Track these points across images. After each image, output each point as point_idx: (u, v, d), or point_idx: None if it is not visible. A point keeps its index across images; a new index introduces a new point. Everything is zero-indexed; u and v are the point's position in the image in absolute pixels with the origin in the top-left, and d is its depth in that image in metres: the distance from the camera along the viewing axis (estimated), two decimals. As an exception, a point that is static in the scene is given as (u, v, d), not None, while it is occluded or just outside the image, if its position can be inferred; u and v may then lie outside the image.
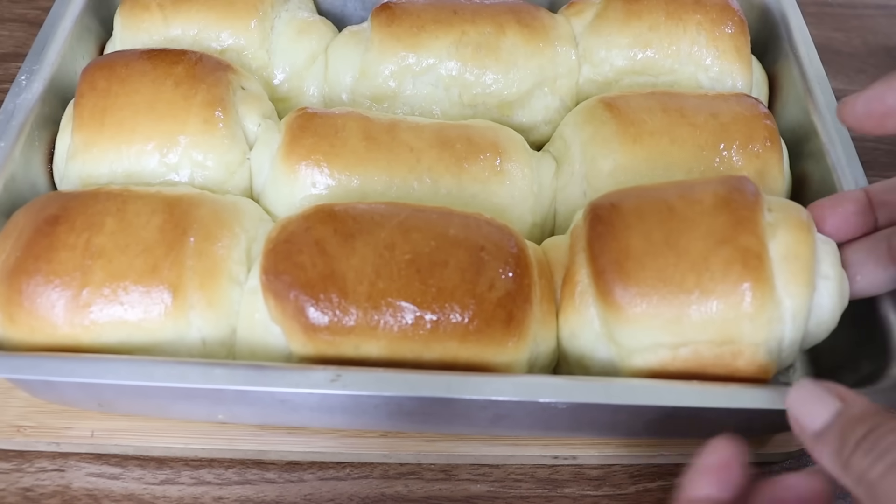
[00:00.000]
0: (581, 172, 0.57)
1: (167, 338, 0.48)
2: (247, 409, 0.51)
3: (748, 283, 0.44)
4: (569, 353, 0.50)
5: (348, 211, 0.50)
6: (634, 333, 0.46)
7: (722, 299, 0.44)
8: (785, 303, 0.45)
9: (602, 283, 0.46)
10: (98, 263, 0.48)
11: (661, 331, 0.45)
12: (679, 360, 0.46)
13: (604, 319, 0.47)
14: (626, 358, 0.47)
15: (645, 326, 0.45)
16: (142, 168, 0.56)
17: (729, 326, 0.44)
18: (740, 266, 0.44)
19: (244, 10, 0.64)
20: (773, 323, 0.44)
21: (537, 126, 0.65)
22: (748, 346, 0.45)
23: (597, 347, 0.48)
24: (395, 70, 0.63)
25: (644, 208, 0.47)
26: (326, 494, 0.54)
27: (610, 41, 0.64)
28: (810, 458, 0.58)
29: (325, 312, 0.46)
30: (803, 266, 0.45)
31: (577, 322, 0.48)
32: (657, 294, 0.44)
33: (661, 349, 0.46)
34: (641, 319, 0.45)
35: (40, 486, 0.54)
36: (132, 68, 0.58)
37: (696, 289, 0.44)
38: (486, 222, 0.51)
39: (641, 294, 0.45)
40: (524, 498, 0.55)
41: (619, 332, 0.46)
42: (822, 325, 0.47)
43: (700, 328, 0.45)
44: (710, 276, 0.44)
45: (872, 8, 0.95)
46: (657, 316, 0.45)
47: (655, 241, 0.45)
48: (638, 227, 0.46)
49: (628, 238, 0.46)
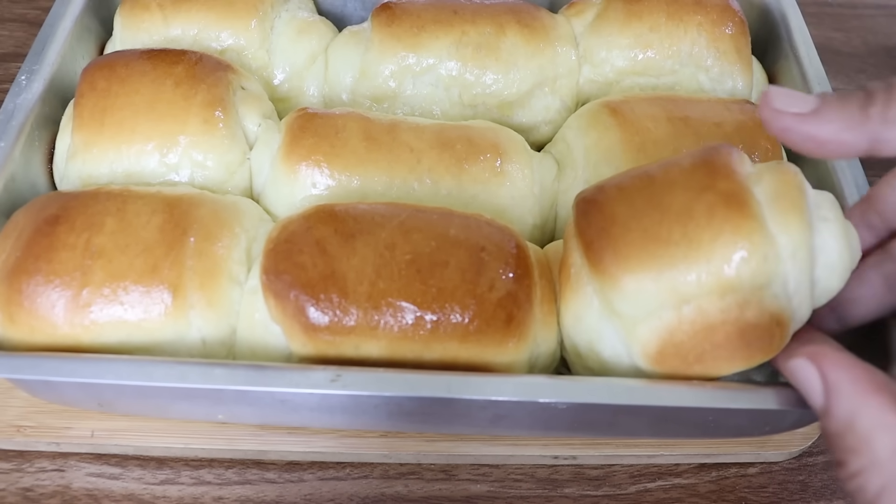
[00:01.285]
0: (584, 177, 0.57)
1: (167, 338, 0.48)
2: (247, 409, 0.51)
3: (734, 222, 0.42)
4: (578, 343, 0.48)
5: (349, 211, 0.50)
6: (633, 299, 0.44)
7: (711, 245, 0.42)
8: (780, 240, 0.43)
9: (592, 254, 0.45)
10: (98, 263, 0.48)
11: (658, 291, 0.43)
12: (686, 323, 0.44)
13: (601, 293, 0.46)
14: (633, 330, 0.45)
15: (641, 289, 0.44)
16: (142, 168, 0.56)
17: (725, 273, 0.42)
18: (723, 208, 0.43)
19: (244, 10, 0.64)
20: (769, 261, 0.42)
21: (537, 126, 0.65)
22: (752, 291, 0.43)
23: (602, 328, 0.47)
24: (396, 70, 0.63)
25: (625, 183, 0.47)
26: (326, 494, 0.54)
27: (610, 42, 0.64)
28: (810, 458, 0.58)
29: (325, 312, 0.46)
30: (793, 202, 0.44)
31: (578, 304, 0.47)
32: (646, 252, 0.43)
33: (665, 312, 0.44)
34: (636, 282, 0.44)
35: (40, 486, 0.54)
36: (132, 68, 0.58)
37: (683, 240, 0.43)
38: (487, 223, 0.51)
39: (631, 255, 0.44)
40: (524, 498, 0.55)
41: (618, 301, 0.45)
42: (832, 270, 0.45)
43: (696, 280, 0.43)
44: (696, 224, 0.43)
45: (872, 8, 0.95)
46: (651, 275, 0.43)
47: (638, 205, 0.45)
48: (621, 198, 0.46)
49: (612, 208, 0.45)
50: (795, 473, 0.57)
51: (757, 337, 0.44)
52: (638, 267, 0.43)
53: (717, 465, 0.57)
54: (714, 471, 0.57)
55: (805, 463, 0.58)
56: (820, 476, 0.57)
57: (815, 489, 0.56)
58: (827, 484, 0.57)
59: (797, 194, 0.44)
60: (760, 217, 0.43)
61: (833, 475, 0.57)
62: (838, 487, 0.57)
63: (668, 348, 0.44)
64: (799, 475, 0.57)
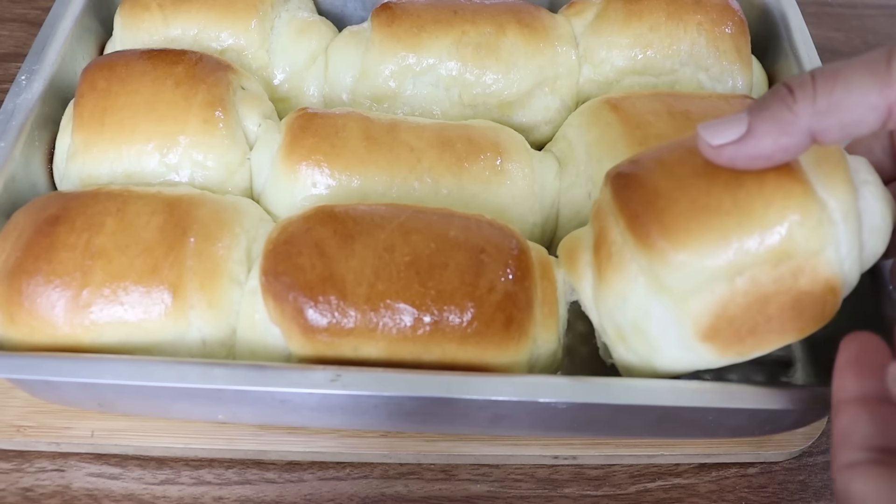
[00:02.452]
0: (586, 174, 0.57)
1: (167, 338, 0.48)
2: (247, 409, 0.51)
3: (786, 188, 0.41)
4: (622, 325, 0.46)
5: (348, 212, 0.50)
6: (684, 273, 0.42)
7: (764, 212, 0.41)
8: (830, 204, 0.42)
9: (637, 229, 0.43)
10: (98, 264, 0.48)
11: (710, 262, 0.42)
12: (739, 294, 0.42)
13: (649, 269, 0.44)
14: (683, 305, 0.43)
15: (692, 262, 0.42)
16: (142, 168, 0.56)
17: (779, 240, 0.42)
18: (773, 174, 0.42)
19: (244, 10, 0.64)
20: (823, 225, 0.42)
21: (538, 126, 0.65)
22: (805, 258, 0.42)
23: (650, 305, 0.44)
24: (396, 70, 0.63)
25: (663, 156, 0.46)
26: (326, 494, 0.54)
27: (610, 41, 0.64)
28: (810, 458, 0.58)
29: (323, 314, 0.46)
30: (836, 164, 0.43)
31: (622, 283, 0.45)
32: (696, 224, 0.42)
33: (717, 284, 0.42)
34: (687, 255, 0.42)
35: (40, 486, 0.54)
36: (132, 68, 0.58)
37: (734, 209, 0.41)
38: (488, 224, 0.51)
39: (679, 228, 0.42)
40: (524, 498, 0.55)
41: (667, 276, 0.43)
42: (877, 232, 0.44)
43: (750, 249, 0.41)
44: (746, 192, 0.41)
45: (872, 8, 0.95)
46: (702, 247, 0.42)
47: (681, 176, 0.43)
48: (661, 171, 0.44)
49: (654, 181, 0.44)
50: (795, 473, 0.57)
51: (810, 305, 0.43)
52: (688, 239, 0.42)
53: (717, 465, 0.57)
54: (714, 471, 0.57)
55: (805, 463, 0.58)
56: (820, 476, 0.57)
57: (815, 489, 0.56)
58: (827, 484, 0.57)
59: (839, 158, 0.44)
60: (809, 182, 0.42)
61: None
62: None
63: (720, 323, 0.43)
64: (799, 475, 0.57)
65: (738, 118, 0.40)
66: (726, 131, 0.40)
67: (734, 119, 0.40)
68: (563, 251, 0.51)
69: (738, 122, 0.40)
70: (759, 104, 0.40)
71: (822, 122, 0.38)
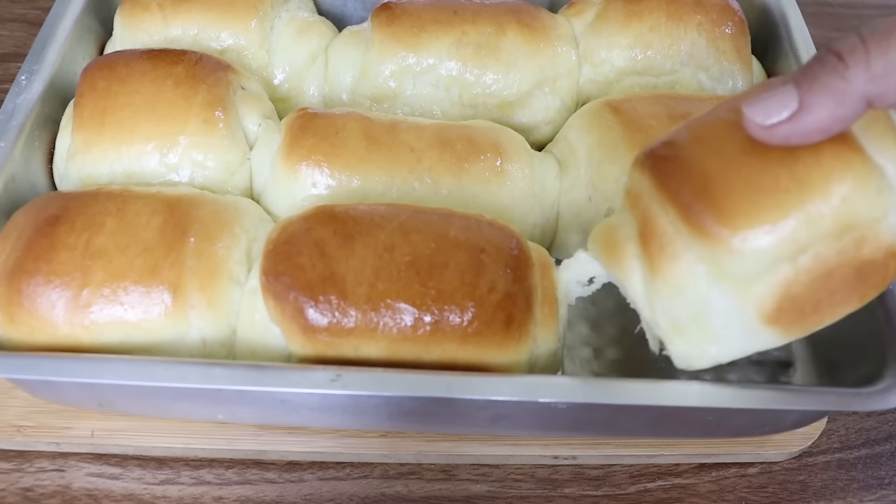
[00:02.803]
0: (587, 176, 0.57)
1: (167, 338, 0.48)
2: (247, 409, 0.51)
3: (843, 157, 0.40)
4: (679, 318, 0.44)
5: (349, 212, 0.50)
6: (746, 258, 0.40)
7: (824, 184, 0.40)
8: (887, 169, 0.41)
9: (692, 218, 0.41)
10: (98, 264, 0.48)
11: (773, 244, 0.40)
12: (803, 273, 0.41)
13: (708, 258, 0.42)
14: (747, 291, 0.42)
15: (756, 246, 0.40)
16: (142, 168, 0.56)
17: (841, 210, 0.40)
18: (829, 144, 0.40)
19: (244, 10, 0.64)
20: (884, 192, 0.41)
21: (538, 126, 0.65)
22: (867, 226, 0.41)
23: (711, 295, 0.43)
24: (396, 70, 0.63)
25: (699, 133, 0.43)
26: (326, 494, 0.54)
27: (611, 41, 0.64)
28: (810, 458, 0.58)
29: (324, 314, 0.46)
30: (885, 129, 0.42)
31: (678, 275, 0.43)
32: (755, 205, 0.40)
33: (781, 265, 0.41)
34: (750, 240, 0.40)
35: (40, 486, 0.54)
36: (132, 68, 0.58)
37: (793, 185, 0.39)
38: (488, 224, 0.51)
39: (739, 212, 0.40)
40: (524, 498, 0.55)
41: (729, 264, 0.41)
42: None
43: (813, 225, 0.40)
44: (803, 165, 0.40)
45: (872, 8, 0.95)
46: (765, 229, 0.40)
47: (729, 155, 0.41)
48: (705, 151, 0.42)
49: (702, 163, 0.42)
50: (795, 473, 0.57)
51: (873, 272, 0.42)
52: (749, 223, 0.40)
53: (717, 465, 0.57)
54: (714, 471, 0.57)
55: (805, 463, 0.58)
56: (820, 476, 0.57)
57: (815, 489, 0.56)
58: (827, 484, 0.57)
59: (886, 121, 0.42)
60: (864, 148, 0.41)
61: (833, 476, 0.57)
62: (838, 487, 0.57)
63: (785, 304, 0.42)
64: (799, 475, 0.57)
65: (786, 93, 0.38)
66: (777, 109, 0.38)
67: (782, 95, 0.38)
68: (601, 244, 0.48)
69: (787, 98, 0.38)
70: (806, 75, 0.37)
71: (880, 87, 0.36)
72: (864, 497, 0.56)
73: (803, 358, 0.58)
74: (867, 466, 0.58)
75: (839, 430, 0.59)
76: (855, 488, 0.56)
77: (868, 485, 0.57)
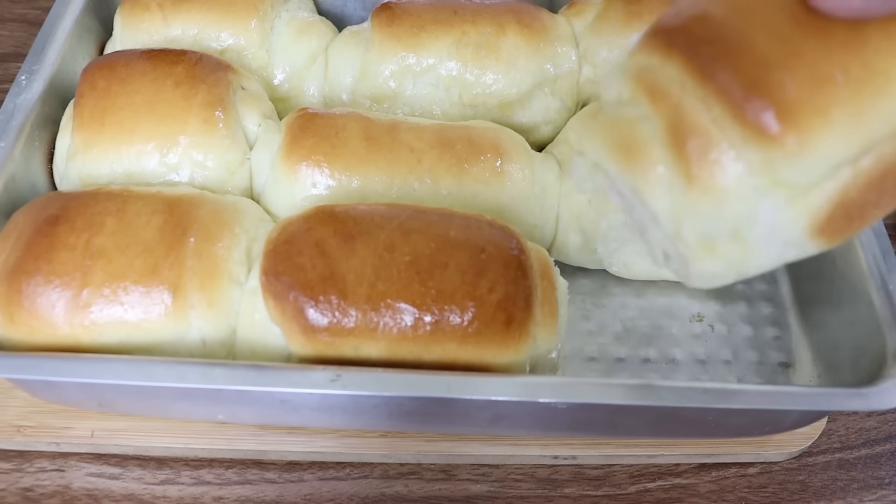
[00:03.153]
0: (586, 177, 0.57)
1: (167, 338, 0.48)
2: (247, 409, 0.51)
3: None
4: (714, 233, 0.37)
5: (349, 212, 0.50)
6: (810, 163, 0.34)
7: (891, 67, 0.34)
8: None
9: (750, 115, 0.34)
10: (98, 264, 0.48)
11: (838, 144, 0.34)
12: (861, 176, 0.36)
13: (762, 163, 0.35)
14: (803, 199, 0.36)
15: (818, 146, 0.34)
16: (142, 168, 0.56)
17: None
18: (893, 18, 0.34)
19: (244, 10, 0.64)
20: None
21: (538, 126, 0.65)
22: None
23: (758, 206, 0.36)
24: (396, 70, 0.63)
25: (742, 4, 0.36)
26: (326, 494, 0.54)
27: (611, 42, 0.64)
28: (810, 458, 0.58)
29: (324, 314, 0.46)
30: None
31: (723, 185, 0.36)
32: (822, 99, 0.33)
33: (841, 169, 0.35)
34: (816, 141, 0.34)
35: (40, 486, 0.54)
36: (132, 68, 0.58)
37: (865, 73, 0.33)
38: (488, 224, 0.51)
39: (803, 107, 0.33)
40: (524, 498, 0.55)
41: (787, 169, 0.35)
42: None
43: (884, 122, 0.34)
44: (874, 50, 0.34)
45: (872, 8, 0.95)
46: (834, 128, 0.34)
47: (785, 34, 0.34)
48: (753, 28, 0.35)
49: (752, 43, 0.34)
50: (795, 473, 0.57)
51: None
52: (816, 121, 0.33)
53: (717, 465, 0.57)
54: (714, 471, 0.57)
55: (805, 463, 0.58)
56: (820, 476, 0.57)
57: (815, 489, 0.56)
58: (827, 484, 0.57)
59: None
60: None
61: (833, 476, 0.57)
62: (838, 487, 0.57)
63: (837, 212, 0.36)
64: (799, 475, 0.57)
65: None
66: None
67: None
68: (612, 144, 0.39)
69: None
70: None
71: None
72: (864, 497, 0.56)
73: (803, 358, 0.58)
74: (867, 466, 0.58)
75: (839, 430, 0.59)
76: (855, 488, 0.56)
77: (868, 485, 0.57)
